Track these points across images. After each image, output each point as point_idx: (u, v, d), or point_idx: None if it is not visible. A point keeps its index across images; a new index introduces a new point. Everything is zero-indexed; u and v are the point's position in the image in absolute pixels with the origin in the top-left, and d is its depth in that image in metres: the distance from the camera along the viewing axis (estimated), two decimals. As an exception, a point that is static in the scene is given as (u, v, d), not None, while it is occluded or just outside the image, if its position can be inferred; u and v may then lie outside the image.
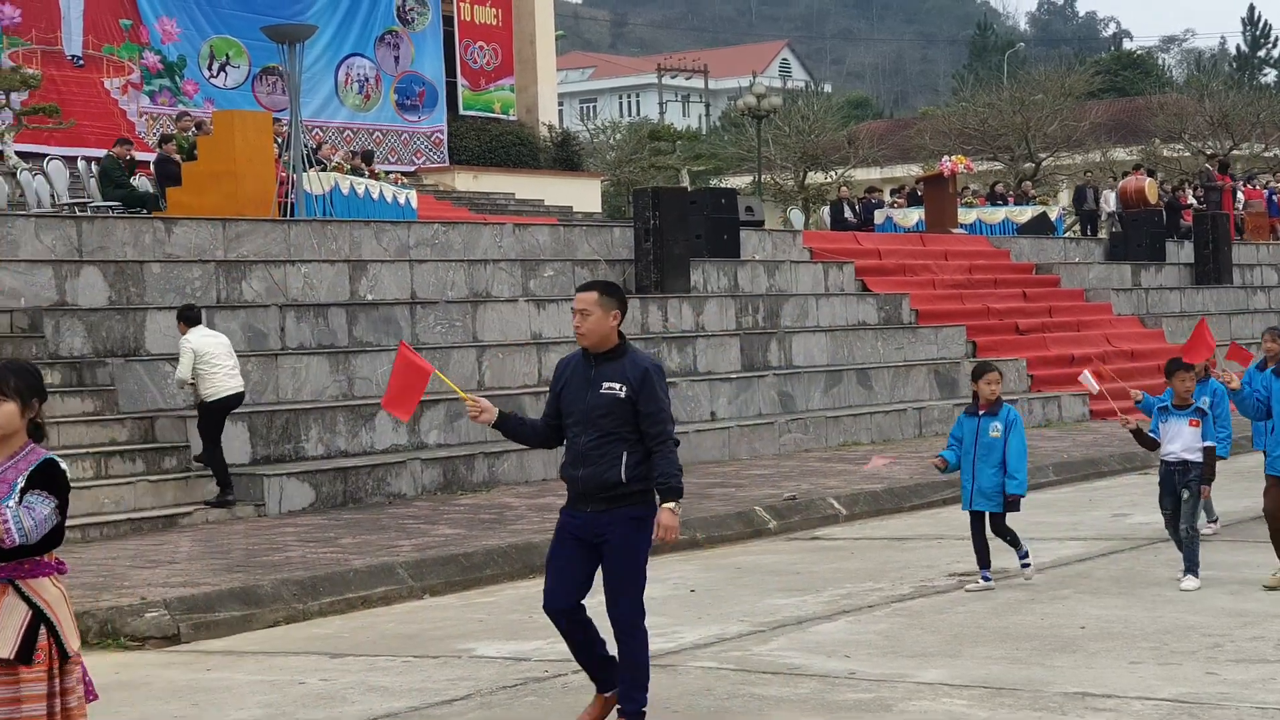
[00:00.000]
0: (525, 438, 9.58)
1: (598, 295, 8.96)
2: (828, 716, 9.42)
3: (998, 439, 13.15)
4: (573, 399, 9.03)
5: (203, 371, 17.44)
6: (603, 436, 8.87)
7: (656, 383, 8.92)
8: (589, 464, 8.91)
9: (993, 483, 13.19)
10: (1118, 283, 36.66)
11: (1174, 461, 13.27)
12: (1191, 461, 13.17)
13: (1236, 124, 62.54)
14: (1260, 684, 9.84)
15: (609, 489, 8.89)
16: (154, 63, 38.87)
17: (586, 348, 9.03)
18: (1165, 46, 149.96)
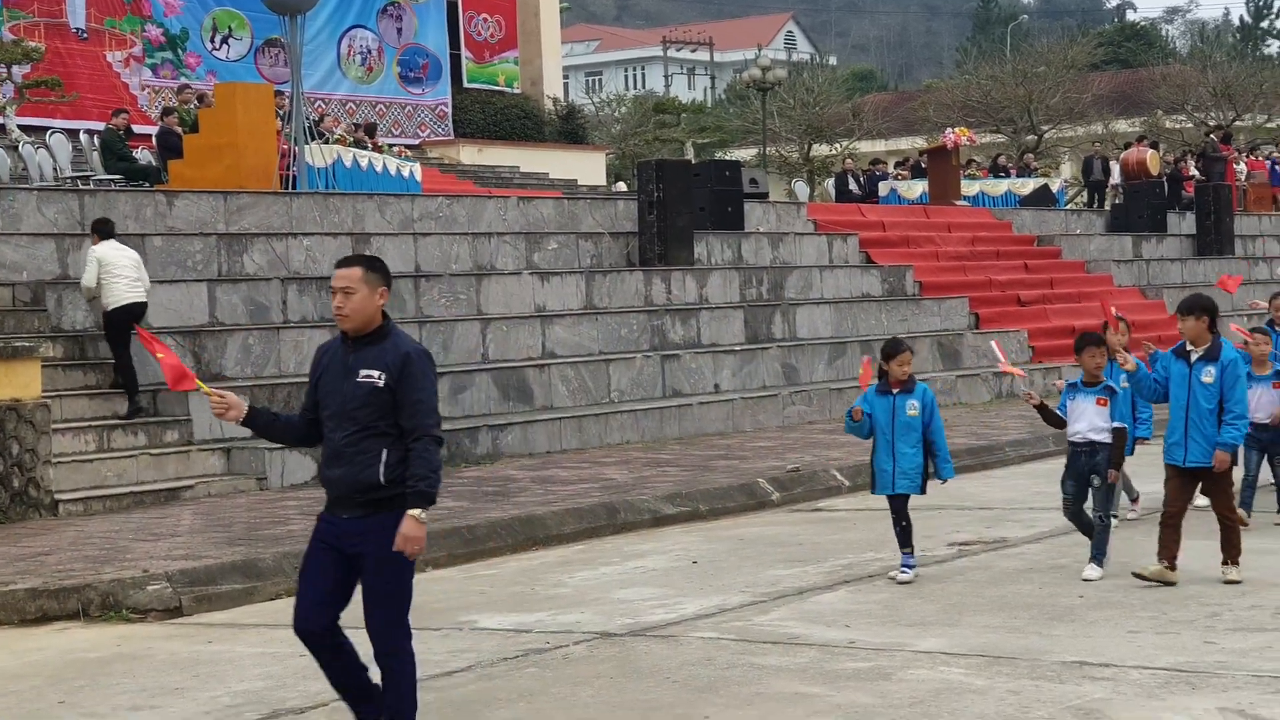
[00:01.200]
0: (279, 435, 8.54)
1: (362, 271, 8.00)
2: (827, 686, 9.45)
3: (916, 417, 12.67)
4: (329, 389, 8.07)
5: (105, 282, 18.22)
6: (360, 431, 7.93)
7: (419, 370, 7.96)
8: (344, 463, 7.97)
9: (914, 462, 12.70)
10: (1119, 254, 36.66)
11: (1080, 442, 12.63)
12: (1099, 443, 12.52)
13: (1239, 95, 62.43)
14: (1257, 653, 9.87)
15: (366, 491, 7.94)
16: (156, 35, 38.87)
17: (347, 331, 8.04)
18: (1169, 18, 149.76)
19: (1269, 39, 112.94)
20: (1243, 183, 46.04)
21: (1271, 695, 8.88)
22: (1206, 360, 12.08)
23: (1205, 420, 11.96)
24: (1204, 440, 11.99)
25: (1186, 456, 12.05)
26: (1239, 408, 11.98)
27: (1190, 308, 12.16)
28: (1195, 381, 12.04)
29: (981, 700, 9.01)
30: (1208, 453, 11.97)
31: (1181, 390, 12.12)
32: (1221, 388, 12.01)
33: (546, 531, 15.30)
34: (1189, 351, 12.15)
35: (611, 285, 25.08)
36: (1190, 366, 12.10)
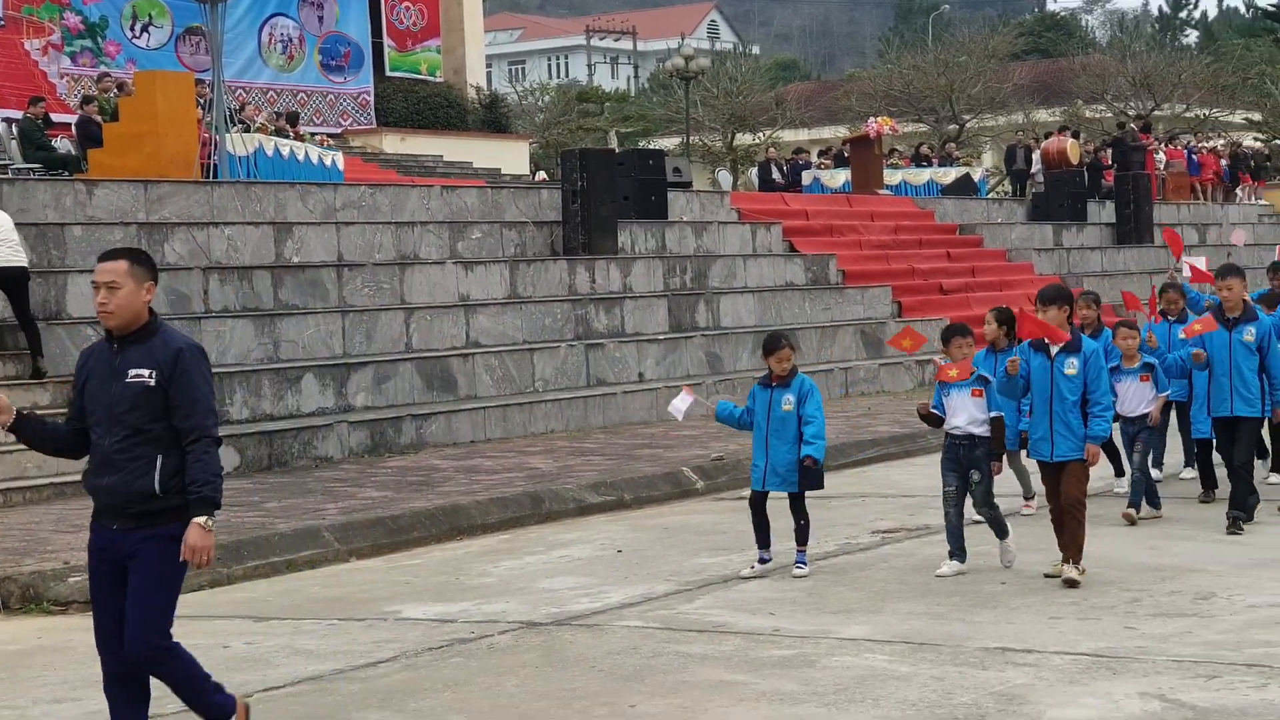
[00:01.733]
0: (46, 444, 8.00)
1: (128, 265, 7.60)
2: (752, 673, 9.49)
3: (791, 413, 12.37)
4: (96, 393, 7.62)
5: None
6: (131, 436, 7.49)
7: (193, 367, 7.54)
8: (114, 471, 7.53)
9: (786, 460, 12.41)
10: (1039, 243, 36.93)
11: (960, 435, 12.31)
12: (979, 436, 12.22)
13: (1158, 85, 62.93)
14: (1177, 638, 9.98)
15: (139, 502, 7.52)
16: (75, 23, 38.47)
17: (112, 329, 7.61)
18: (1088, 8, 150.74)
19: (1187, 29, 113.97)
20: (1162, 172, 46.44)
21: (1190, 680, 8.97)
22: (1068, 352, 11.85)
23: (1070, 413, 11.74)
24: (1070, 434, 11.77)
25: (1054, 451, 11.85)
26: (1105, 399, 11.87)
27: (1051, 298, 11.96)
28: (1058, 374, 11.80)
29: (905, 686, 9.07)
30: (1075, 446, 11.76)
31: (1044, 383, 11.88)
32: (1085, 380, 11.80)
33: (471, 521, 15.28)
34: (1047, 345, 11.93)
35: (535, 274, 25.05)
36: (1051, 359, 11.85)
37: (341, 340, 21.40)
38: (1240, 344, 13.99)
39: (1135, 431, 14.81)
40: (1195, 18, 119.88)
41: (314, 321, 21.26)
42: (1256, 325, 14.06)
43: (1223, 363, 14.06)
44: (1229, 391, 14.04)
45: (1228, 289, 14.11)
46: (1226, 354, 14.06)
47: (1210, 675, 9.05)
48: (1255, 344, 13.98)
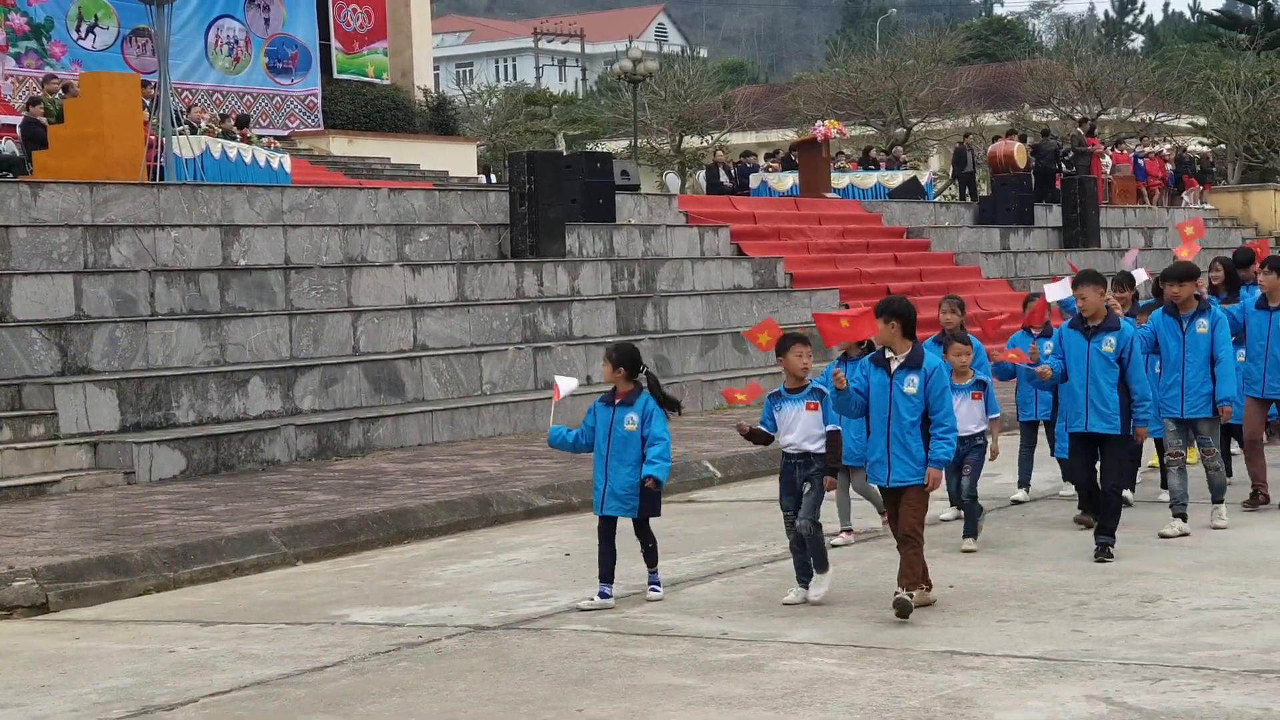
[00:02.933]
0: None
1: None
2: (700, 677, 9.48)
3: (634, 433, 11.50)
4: None
5: None
6: None
7: None
8: None
9: (627, 483, 11.51)
10: (986, 246, 37.11)
11: (795, 454, 11.48)
12: (815, 453, 11.40)
13: (1105, 89, 63.27)
14: (1123, 640, 10.02)
15: None
16: (20, 25, 38.24)
17: None
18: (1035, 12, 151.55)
19: (1133, 34, 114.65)
20: (1108, 176, 46.72)
21: (1137, 682, 9.01)
22: (909, 369, 11.05)
23: (908, 435, 10.98)
24: (908, 458, 10.98)
25: (890, 476, 11.08)
26: (948, 420, 11.01)
27: (882, 311, 11.09)
28: (897, 392, 11.01)
29: (853, 690, 9.08)
30: (913, 471, 10.96)
31: (882, 402, 11.09)
32: (926, 398, 11.01)
33: (418, 525, 15.24)
34: (889, 359, 11.12)
35: (483, 277, 25.01)
36: (891, 376, 11.05)
37: (289, 343, 21.32)
38: (1099, 355, 12.90)
39: (964, 453, 13.56)
40: (1141, 23, 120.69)
41: (261, 324, 21.17)
42: (1117, 335, 12.90)
43: (1079, 374, 13.01)
44: (1084, 405, 12.98)
45: (1082, 298, 12.98)
46: (1084, 365, 12.98)
47: (1156, 678, 9.09)
48: (1115, 355, 12.87)
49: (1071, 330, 13.11)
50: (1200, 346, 14.04)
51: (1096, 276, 13.10)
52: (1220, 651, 9.64)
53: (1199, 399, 14.04)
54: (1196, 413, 14.08)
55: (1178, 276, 14.17)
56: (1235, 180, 56.52)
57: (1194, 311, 14.11)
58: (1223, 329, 14.12)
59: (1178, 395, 14.11)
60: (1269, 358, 15.30)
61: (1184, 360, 14.04)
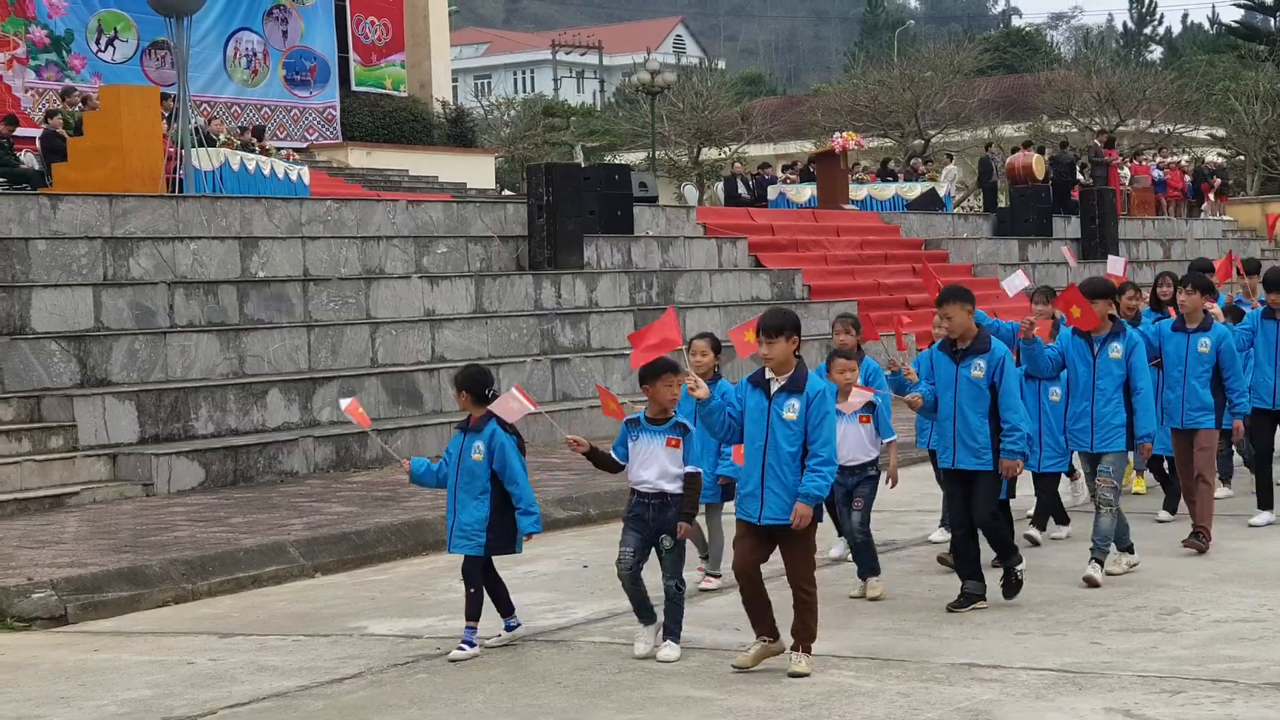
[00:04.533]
0: None
1: None
2: (718, 689, 9.48)
3: (480, 463, 10.66)
4: None
5: None
6: None
7: None
8: None
9: (474, 518, 10.67)
10: (1005, 257, 37.06)
11: (649, 493, 10.28)
12: (672, 494, 10.23)
13: (1123, 100, 63.21)
14: (1142, 653, 10.00)
15: None
16: (41, 37, 38.35)
17: None
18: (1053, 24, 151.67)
19: (1152, 45, 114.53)
20: (1127, 187, 46.67)
21: (1155, 695, 9.00)
22: (790, 392, 9.81)
23: (786, 466, 9.72)
24: (785, 492, 9.73)
25: (762, 512, 9.81)
26: (826, 450, 9.73)
27: (775, 328, 9.82)
28: (775, 418, 9.78)
29: (872, 703, 9.07)
30: (788, 507, 9.71)
31: (758, 428, 9.84)
32: (806, 426, 9.77)
33: (436, 537, 15.21)
34: (768, 380, 9.89)
35: (501, 289, 25.03)
36: (770, 399, 9.83)
37: (307, 355, 21.35)
38: (967, 381, 11.45)
39: (853, 484, 12.37)
40: (1160, 34, 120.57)
41: (279, 336, 21.20)
42: (987, 358, 11.38)
43: (947, 403, 11.61)
44: (952, 439, 11.55)
45: (947, 317, 11.49)
46: (951, 393, 11.58)
47: (1175, 690, 9.08)
48: (986, 380, 11.35)
49: (940, 353, 11.73)
50: (1112, 373, 12.38)
51: (963, 293, 11.62)
52: (1240, 664, 9.62)
53: (1109, 431, 12.41)
54: (1107, 446, 12.46)
55: (1089, 294, 12.54)
56: (1254, 191, 56.43)
57: (1107, 334, 12.47)
58: (1139, 354, 12.47)
59: (1086, 427, 12.51)
60: (1186, 385, 13.96)
61: (1094, 388, 12.43)
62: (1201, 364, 13.97)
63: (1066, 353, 12.58)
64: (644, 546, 10.38)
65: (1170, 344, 14.14)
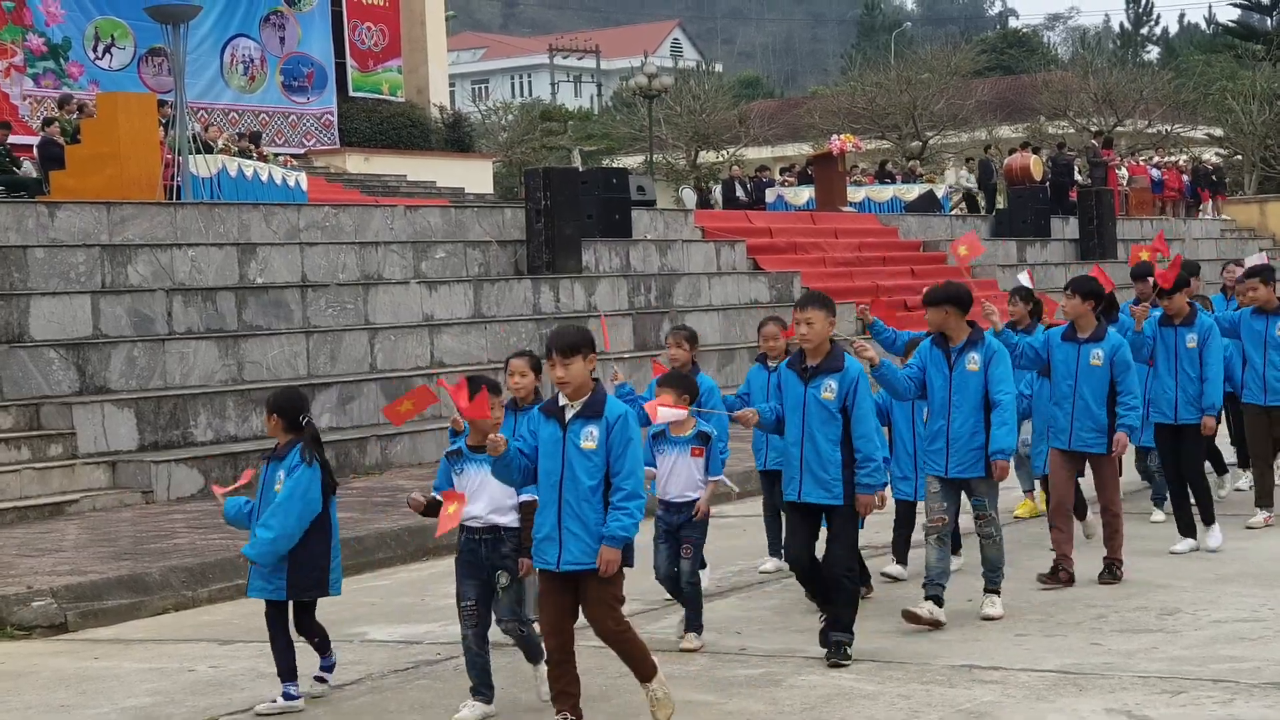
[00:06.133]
0: None
1: None
2: (719, 693, 9.48)
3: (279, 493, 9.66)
4: None
5: None
6: None
7: None
8: None
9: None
10: (1003, 259, 37.06)
11: (480, 528, 9.27)
12: (505, 527, 9.28)
13: (1120, 101, 63.20)
14: (1143, 653, 10.00)
15: None
16: (38, 45, 38.35)
17: None
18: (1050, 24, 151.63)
19: (1149, 45, 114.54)
20: (1125, 188, 46.68)
21: (1156, 695, 9.00)
22: (587, 418, 8.60)
23: (586, 504, 8.52)
24: (585, 533, 8.54)
25: (561, 556, 8.58)
26: (630, 483, 8.49)
27: (569, 347, 8.74)
28: (571, 449, 8.56)
29: (872, 705, 9.07)
30: (592, 550, 8.53)
31: (553, 462, 8.60)
32: (608, 456, 8.54)
33: (436, 542, 15.22)
34: (562, 407, 8.69)
35: (499, 294, 25.04)
36: (565, 428, 8.63)
37: (306, 361, 21.35)
38: (817, 403, 10.21)
39: (679, 523, 11.05)
40: (1157, 34, 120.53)
41: (278, 343, 21.20)
42: (839, 378, 10.18)
43: (795, 426, 10.31)
44: (799, 468, 10.27)
45: (807, 323, 10.28)
46: (799, 415, 10.28)
47: (1176, 691, 9.08)
48: (838, 404, 10.16)
49: (788, 370, 10.47)
50: (971, 386, 11.01)
51: (826, 300, 10.37)
52: (1240, 664, 9.62)
53: (969, 454, 11.02)
54: (965, 471, 11.06)
55: (933, 301, 11.29)
56: (1252, 191, 56.44)
57: (964, 343, 11.12)
58: (1001, 364, 11.06)
59: (943, 449, 11.11)
60: (1076, 400, 12.37)
61: (949, 404, 11.07)
62: (1094, 378, 12.30)
63: (925, 366, 11.24)
64: (487, 593, 9.32)
65: (1059, 354, 12.50)
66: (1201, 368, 13.70)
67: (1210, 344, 13.81)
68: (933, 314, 11.22)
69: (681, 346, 12.17)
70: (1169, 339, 13.91)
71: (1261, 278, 14.93)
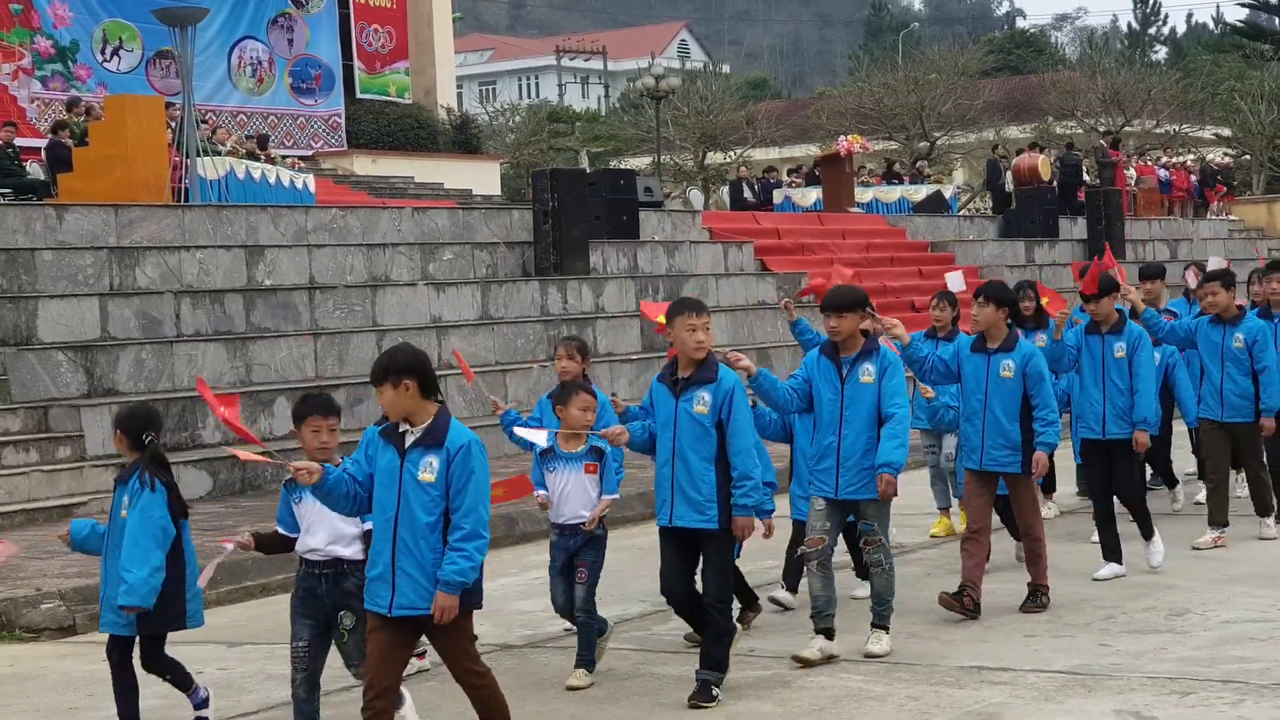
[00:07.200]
0: None
1: None
2: (727, 694, 9.47)
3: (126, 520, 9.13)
4: None
5: None
6: None
7: None
8: None
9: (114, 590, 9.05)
10: (1011, 259, 37.03)
11: (320, 561, 8.65)
12: (349, 560, 8.64)
13: (1128, 101, 63.12)
14: (1151, 654, 9.99)
15: None
16: (46, 47, 38.38)
17: None
18: (1058, 24, 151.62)
19: (1156, 45, 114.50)
20: (1133, 188, 46.64)
21: (1165, 696, 8.99)
22: (428, 446, 7.80)
23: (423, 541, 7.74)
24: (421, 574, 7.72)
25: (394, 600, 7.76)
26: (469, 522, 7.75)
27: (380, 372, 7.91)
28: (409, 480, 7.77)
29: (881, 706, 9.06)
30: (427, 593, 7.71)
31: (389, 494, 7.82)
32: (448, 490, 7.76)
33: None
34: (402, 434, 7.92)
35: (507, 295, 25.04)
36: (403, 457, 7.83)
37: (314, 363, 21.36)
38: (689, 418, 9.46)
39: (575, 548, 10.33)
40: (1164, 34, 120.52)
41: (286, 344, 21.21)
42: (713, 390, 9.41)
43: (665, 446, 9.58)
44: (670, 489, 9.55)
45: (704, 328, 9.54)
46: (670, 432, 9.55)
47: (1185, 692, 9.06)
48: (711, 418, 9.41)
49: (659, 384, 9.69)
50: (864, 400, 10.17)
51: (692, 304, 9.59)
52: (1250, 665, 9.61)
53: (860, 474, 10.18)
54: (856, 492, 10.23)
55: (836, 307, 10.32)
56: (1260, 191, 56.37)
57: (858, 353, 10.24)
58: (896, 376, 10.23)
59: (832, 467, 10.25)
60: (987, 416, 11.51)
61: (841, 419, 10.23)
62: (1005, 391, 11.46)
63: (812, 378, 10.38)
64: (322, 634, 8.69)
65: (969, 367, 11.65)
66: (1132, 379, 12.68)
67: (1140, 354, 12.74)
68: (844, 321, 10.26)
69: (573, 358, 11.32)
70: (1095, 347, 12.92)
71: (1222, 282, 14.04)
